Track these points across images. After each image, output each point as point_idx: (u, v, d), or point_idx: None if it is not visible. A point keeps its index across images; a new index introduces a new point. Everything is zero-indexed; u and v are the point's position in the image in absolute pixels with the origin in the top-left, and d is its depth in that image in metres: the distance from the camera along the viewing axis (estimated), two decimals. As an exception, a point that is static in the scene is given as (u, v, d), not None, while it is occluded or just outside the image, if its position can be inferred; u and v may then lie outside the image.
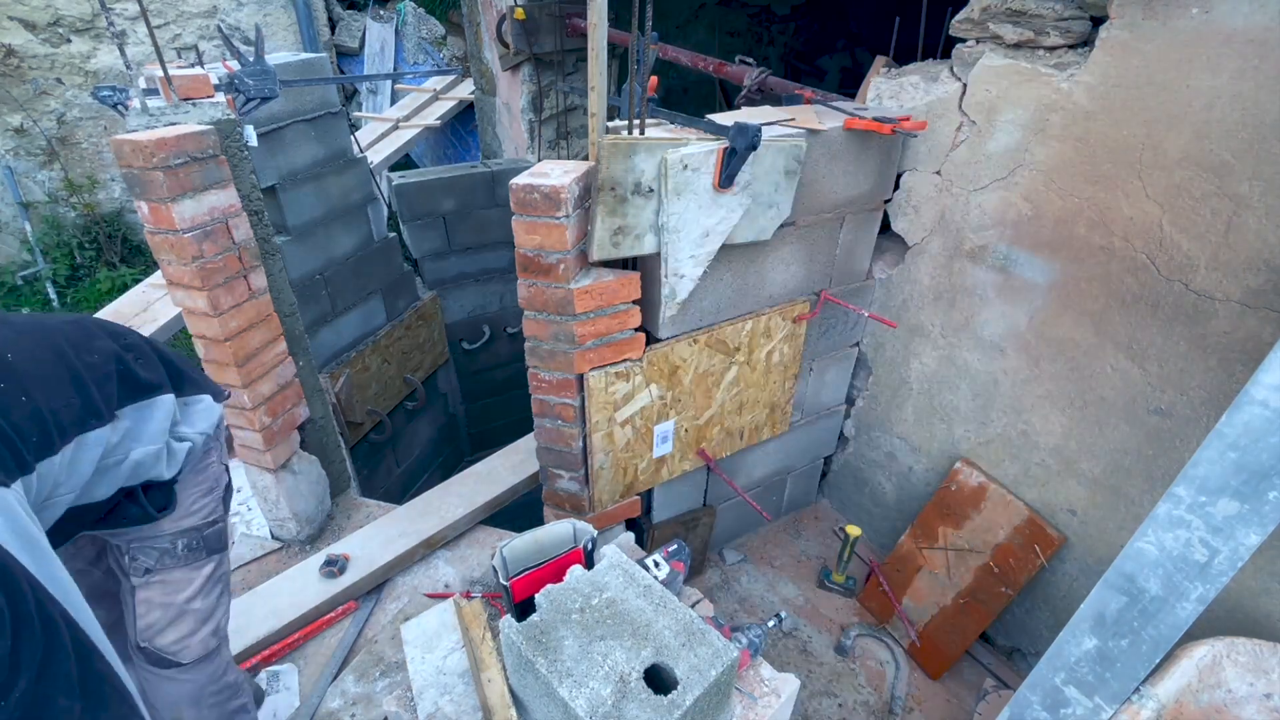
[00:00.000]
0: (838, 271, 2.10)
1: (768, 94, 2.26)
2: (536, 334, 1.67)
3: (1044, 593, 2.09)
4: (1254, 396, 0.99)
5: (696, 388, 1.95)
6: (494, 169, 3.32)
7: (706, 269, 1.72)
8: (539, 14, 3.32)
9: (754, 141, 1.48)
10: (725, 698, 1.08)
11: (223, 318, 1.74)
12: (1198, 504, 1.06)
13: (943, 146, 1.92)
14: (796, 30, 5.95)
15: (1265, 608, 1.55)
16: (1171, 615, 1.12)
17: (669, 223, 1.56)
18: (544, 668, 1.00)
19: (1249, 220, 1.41)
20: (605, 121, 1.58)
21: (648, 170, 1.49)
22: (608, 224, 1.51)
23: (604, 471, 1.90)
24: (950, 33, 1.83)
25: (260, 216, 1.87)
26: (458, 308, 3.55)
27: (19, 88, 4.81)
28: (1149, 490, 1.75)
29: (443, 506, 2.19)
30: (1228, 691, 1.24)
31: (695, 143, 1.52)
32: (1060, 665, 1.27)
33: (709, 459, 2.12)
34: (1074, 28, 1.59)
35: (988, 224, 1.89)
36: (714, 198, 1.59)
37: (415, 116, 4.57)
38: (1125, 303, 1.67)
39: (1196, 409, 1.60)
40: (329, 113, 2.59)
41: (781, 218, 1.77)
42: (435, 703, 1.25)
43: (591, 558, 1.38)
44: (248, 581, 2.07)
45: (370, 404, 2.97)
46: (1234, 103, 1.37)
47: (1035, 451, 1.99)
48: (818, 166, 1.82)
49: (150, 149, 1.50)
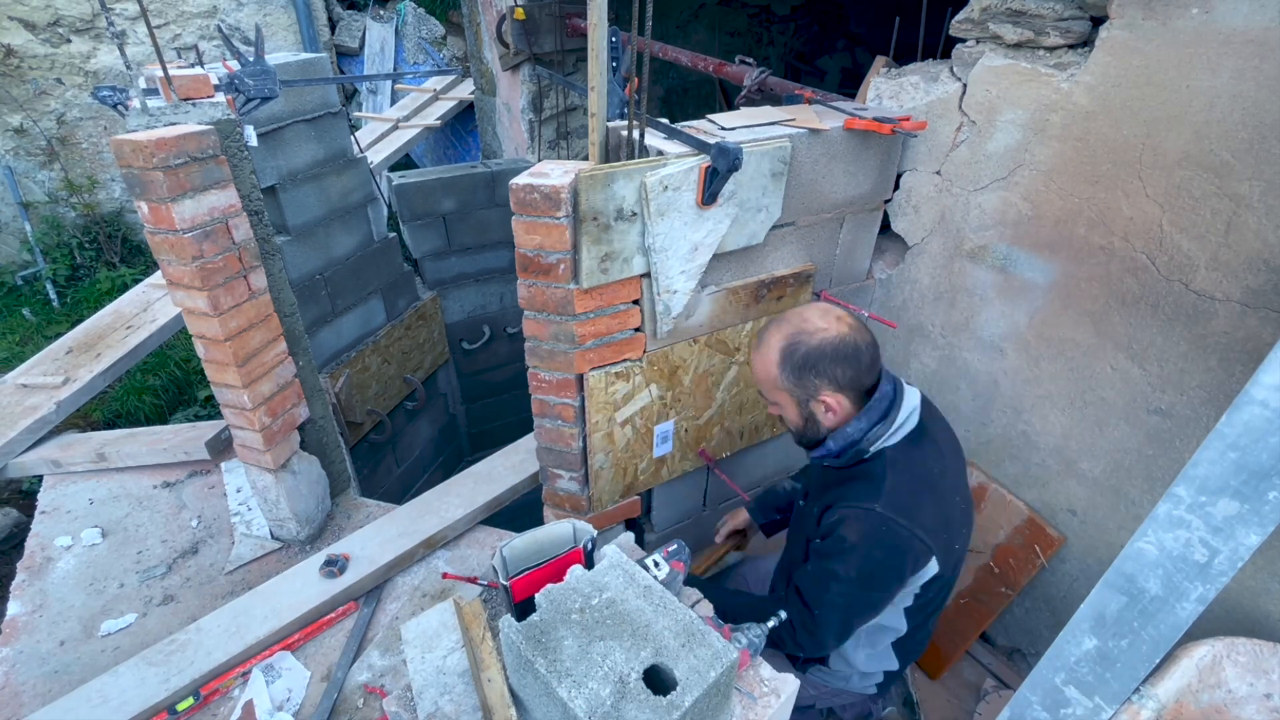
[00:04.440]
0: (838, 272, 2.10)
1: (768, 94, 2.26)
2: (536, 334, 1.67)
3: (1044, 593, 2.09)
4: (1254, 396, 0.99)
5: (696, 388, 1.95)
6: (494, 169, 3.32)
7: (701, 279, 1.72)
8: (539, 14, 3.32)
9: (735, 163, 1.47)
10: (725, 698, 1.08)
11: (223, 318, 1.74)
12: (1198, 504, 1.06)
13: (943, 146, 1.92)
14: (796, 30, 5.94)
15: (1265, 608, 1.55)
16: (1171, 615, 1.12)
17: (655, 243, 1.56)
18: (543, 668, 1.00)
19: (1249, 220, 1.41)
20: (606, 122, 1.58)
21: (628, 196, 1.48)
22: (594, 252, 1.51)
23: (604, 471, 1.90)
24: (950, 33, 1.83)
25: (260, 216, 1.87)
26: (458, 308, 3.55)
27: (19, 88, 4.82)
28: (1149, 490, 1.75)
29: (443, 506, 2.19)
30: (1228, 691, 1.24)
31: (674, 161, 1.51)
32: (1060, 665, 1.27)
33: (709, 459, 2.12)
34: (1074, 28, 1.59)
35: (988, 224, 1.89)
36: (699, 213, 1.59)
37: (415, 116, 4.57)
38: (1125, 303, 1.67)
39: (1196, 409, 1.60)
40: (329, 113, 2.59)
41: (772, 220, 1.77)
42: (435, 702, 1.25)
43: (591, 558, 1.38)
44: (248, 581, 2.07)
45: (370, 404, 2.97)
46: (1234, 103, 1.37)
47: (1035, 452, 1.99)
48: (817, 167, 1.82)
49: (150, 149, 1.50)
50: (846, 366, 1.37)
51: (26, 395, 2.65)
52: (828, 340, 1.36)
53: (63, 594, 2.05)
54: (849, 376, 1.37)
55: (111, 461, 2.50)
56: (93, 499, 2.40)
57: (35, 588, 2.07)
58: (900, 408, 1.39)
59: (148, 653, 1.76)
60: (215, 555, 2.18)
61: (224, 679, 1.72)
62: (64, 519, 2.32)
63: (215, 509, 2.34)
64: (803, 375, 1.39)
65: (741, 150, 1.49)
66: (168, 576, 2.11)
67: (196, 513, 2.34)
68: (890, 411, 1.39)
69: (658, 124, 1.70)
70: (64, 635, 1.93)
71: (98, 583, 2.09)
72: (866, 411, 1.39)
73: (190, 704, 1.66)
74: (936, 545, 1.36)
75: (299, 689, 1.72)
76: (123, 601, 2.03)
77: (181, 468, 2.51)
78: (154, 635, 1.90)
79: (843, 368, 1.37)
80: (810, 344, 1.37)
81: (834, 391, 1.39)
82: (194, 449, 2.48)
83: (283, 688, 1.72)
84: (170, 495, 2.42)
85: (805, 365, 1.38)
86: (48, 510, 2.35)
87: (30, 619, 1.98)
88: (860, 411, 1.40)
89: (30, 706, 1.73)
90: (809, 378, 1.38)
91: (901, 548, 1.33)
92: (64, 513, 2.34)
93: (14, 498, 3.25)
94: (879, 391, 1.40)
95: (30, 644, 1.91)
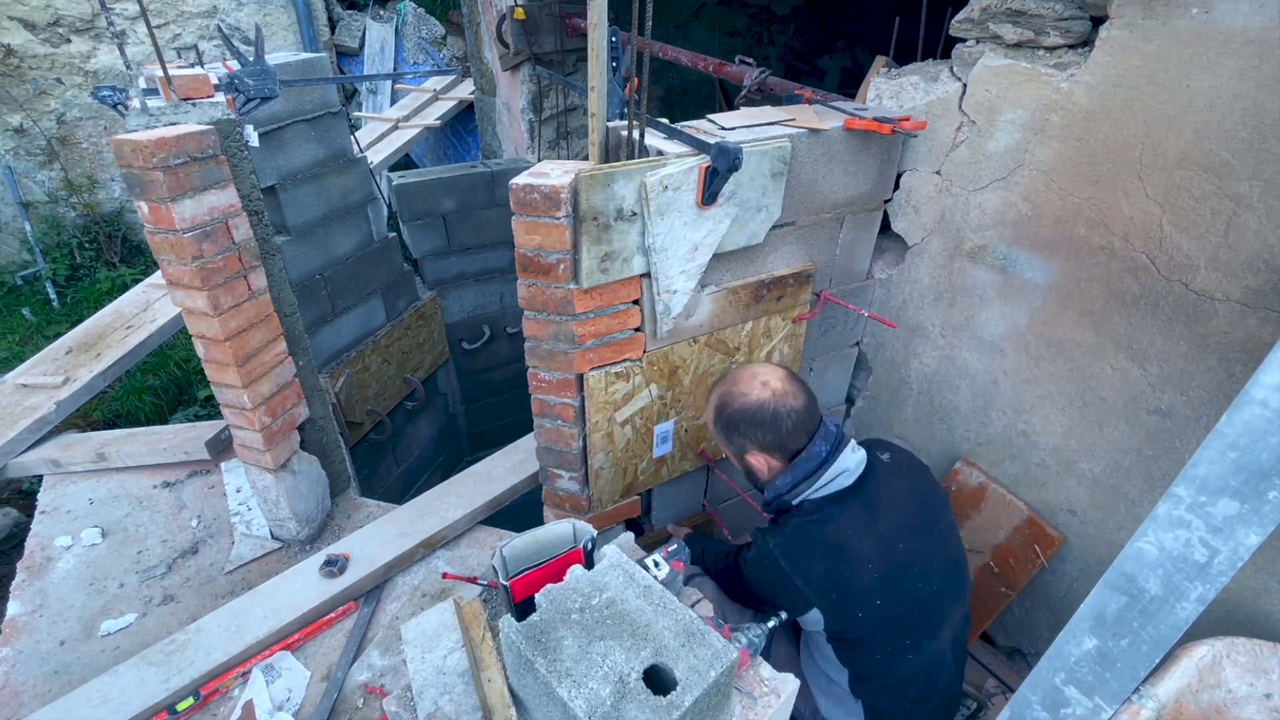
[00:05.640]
0: (838, 272, 2.10)
1: (768, 94, 2.26)
2: (536, 334, 1.67)
3: (1044, 593, 2.09)
4: (1254, 396, 0.99)
5: (696, 388, 1.95)
6: (494, 169, 3.32)
7: (701, 279, 1.72)
8: (539, 14, 3.32)
9: (735, 163, 1.48)
10: (725, 698, 1.08)
11: (223, 318, 1.74)
12: (1198, 504, 1.06)
13: (943, 146, 1.92)
14: (796, 30, 5.95)
15: (1265, 608, 1.55)
16: (1171, 615, 1.12)
17: (655, 243, 1.56)
18: (543, 667, 1.00)
19: (1249, 220, 1.41)
20: (606, 121, 1.58)
21: (628, 196, 1.49)
22: (594, 252, 1.51)
23: (604, 471, 1.90)
24: (950, 33, 1.83)
25: (260, 216, 1.87)
26: (458, 308, 3.55)
27: (19, 88, 4.82)
28: (1149, 490, 1.75)
29: (442, 506, 2.19)
30: (1228, 691, 1.24)
31: (674, 161, 1.51)
32: (1060, 665, 1.27)
33: (709, 459, 2.12)
34: (1074, 28, 1.59)
35: (988, 224, 1.89)
36: (699, 213, 1.59)
37: (415, 116, 4.57)
38: (1125, 303, 1.67)
39: (1196, 409, 1.60)
40: (329, 113, 2.59)
41: (772, 220, 1.76)
42: (435, 702, 1.26)
43: (591, 558, 1.38)
44: (248, 581, 2.07)
45: (370, 404, 2.97)
46: (1234, 103, 1.37)
47: (1035, 451, 1.99)
48: (817, 167, 1.82)
49: (150, 149, 1.50)
50: (764, 431, 1.48)
51: (26, 395, 2.65)
52: (747, 406, 1.48)
53: (63, 594, 2.05)
54: (769, 440, 1.49)
55: (111, 461, 2.50)
56: (93, 499, 2.40)
57: (35, 588, 2.07)
58: (831, 467, 1.47)
59: (148, 653, 1.76)
60: (215, 555, 2.18)
61: (224, 679, 1.72)
62: (64, 519, 2.32)
63: (215, 509, 2.35)
64: (730, 434, 1.54)
65: (741, 150, 1.49)
66: (168, 576, 2.11)
67: (196, 513, 2.34)
68: (819, 469, 1.47)
69: (658, 124, 1.70)
70: (64, 635, 1.93)
71: (98, 583, 2.09)
72: (792, 469, 1.49)
73: (190, 704, 1.66)
74: (821, 599, 1.42)
75: (299, 689, 1.72)
76: (123, 601, 2.03)
77: (181, 468, 2.52)
78: (154, 635, 1.90)
79: (761, 431, 1.48)
80: (733, 407, 1.51)
81: (758, 451, 1.51)
82: (194, 449, 2.48)
83: (283, 688, 1.72)
84: (170, 495, 2.42)
85: (730, 425, 1.52)
86: (48, 510, 2.35)
87: (30, 619, 1.98)
88: (787, 469, 1.50)
89: (30, 706, 1.73)
90: (735, 437, 1.53)
91: (777, 584, 1.45)
92: (64, 513, 2.34)
93: (14, 498, 3.25)
94: (807, 451, 1.48)
95: (30, 644, 1.91)
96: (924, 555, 1.49)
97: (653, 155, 1.59)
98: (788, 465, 1.50)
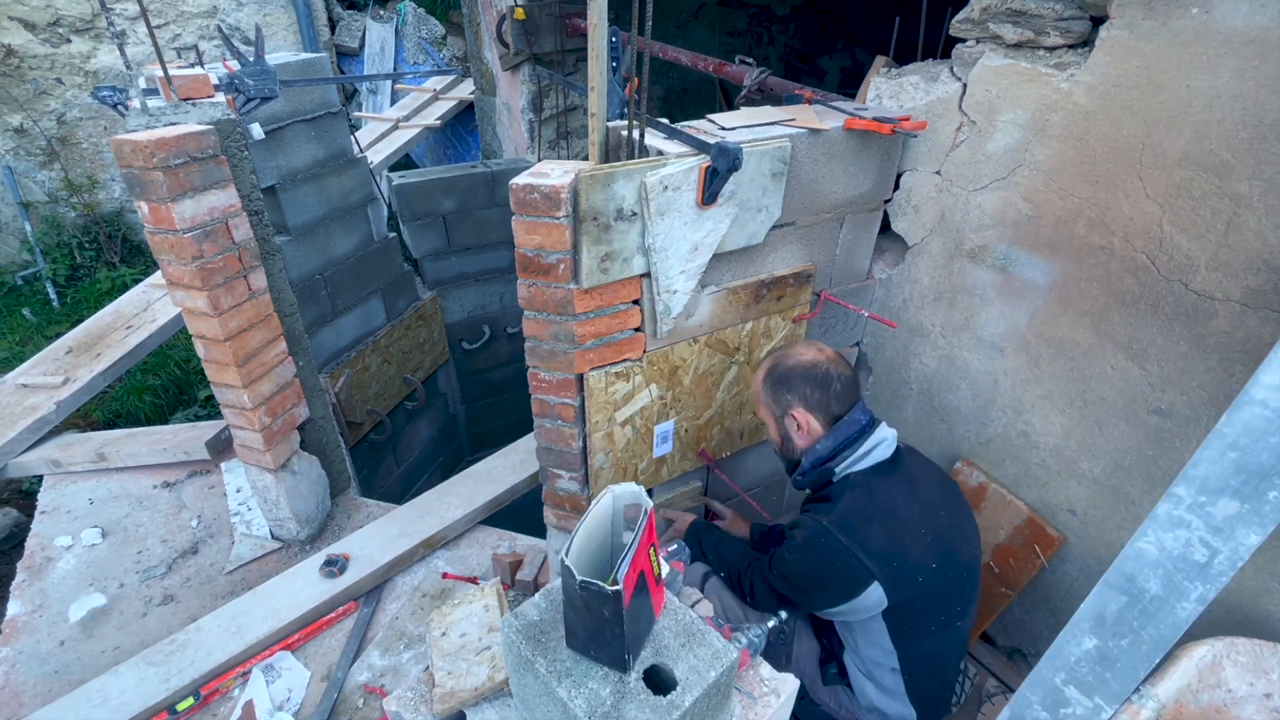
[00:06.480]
0: (838, 272, 2.10)
1: (768, 94, 2.26)
2: (536, 334, 1.67)
3: (1044, 593, 2.09)
4: (1254, 396, 0.99)
5: (696, 388, 1.95)
6: (494, 169, 3.32)
7: (701, 279, 1.72)
8: (539, 14, 3.32)
9: (735, 163, 1.49)
10: (725, 698, 1.08)
11: (223, 318, 1.74)
12: (1198, 504, 1.06)
13: (943, 146, 1.92)
14: (796, 30, 5.95)
15: (1265, 608, 1.55)
16: (1171, 615, 1.12)
17: (655, 243, 1.56)
18: (543, 668, 1.00)
19: (1249, 220, 1.41)
20: (606, 121, 1.58)
21: (628, 196, 1.49)
22: (594, 252, 1.51)
23: (604, 472, 1.90)
24: (950, 33, 1.83)
25: (260, 216, 1.87)
26: (458, 308, 3.55)
27: (19, 88, 4.81)
28: (1149, 490, 1.75)
29: (442, 506, 2.19)
30: (1228, 691, 1.24)
31: (674, 161, 1.51)
32: (1060, 665, 1.26)
33: (709, 459, 2.12)
34: (1074, 28, 1.59)
35: (988, 224, 1.89)
36: (699, 213, 1.60)
37: (415, 116, 4.57)
38: (1125, 303, 1.67)
39: (1196, 409, 1.60)
40: (329, 113, 2.59)
41: (772, 220, 1.77)
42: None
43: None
44: (247, 581, 2.07)
45: (370, 404, 2.97)
46: (1234, 103, 1.37)
47: (1035, 451, 1.99)
48: (817, 167, 1.82)
49: (150, 149, 1.50)
50: (815, 388, 1.54)
51: (26, 395, 2.65)
52: (802, 363, 1.57)
53: (63, 594, 2.05)
54: (817, 398, 1.54)
55: (111, 461, 2.50)
56: (93, 499, 2.40)
57: (35, 588, 2.07)
58: (870, 437, 1.52)
59: (148, 653, 1.76)
60: (215, 555, 2.18)
61: (224, 679, 1.72)
62: (64, 519, 2.32)
63: (215, 509, 2.35)
64: (778, 391, 1.59)
65: (741, 150, 1.49)
66: (168, 576, 2.11)
67: (196, 513, 2.34)
68: (859, 438, 1.53)
69: (658, 124, 1.70)
70: (64, 635, 1.93)
71: (98, 583, 2.09)
72: (834, 432, 1.54)
73: (190, 704, 1.66)
74: (881, 570, 1.42)
75: (299, 689, 1.72)
76: (123, 601, 2.03)
77: (181, 468, 2.52)
78: (154, 635, 1.90)
79: (811, 388, 1.54)
80: (787, 364, 1.59)
81: (804, 409, 1.55)
82: (194, 449, 2.48)
83: (283, 687, 1.72)
84: (170, 495, 2.42)
85: (780, 382, 1.58)
86: (48, 510, 2.35)
87: (30, 619, 1.98)
88: (829, 433, 1.55)
89: (30, 706, 1.73)
90: (782, 393, 1.58)
91: (836, 562, 1.44)
92: (64, 512, 2.34)
93: (14, 498, 3.25)
94: (849, 417, 1.54)
95: (30, 644, 1.91)
96: (958, 521, 1.58)
97: (653, 155, 1.59)
98: (828, 430, 1.55)
